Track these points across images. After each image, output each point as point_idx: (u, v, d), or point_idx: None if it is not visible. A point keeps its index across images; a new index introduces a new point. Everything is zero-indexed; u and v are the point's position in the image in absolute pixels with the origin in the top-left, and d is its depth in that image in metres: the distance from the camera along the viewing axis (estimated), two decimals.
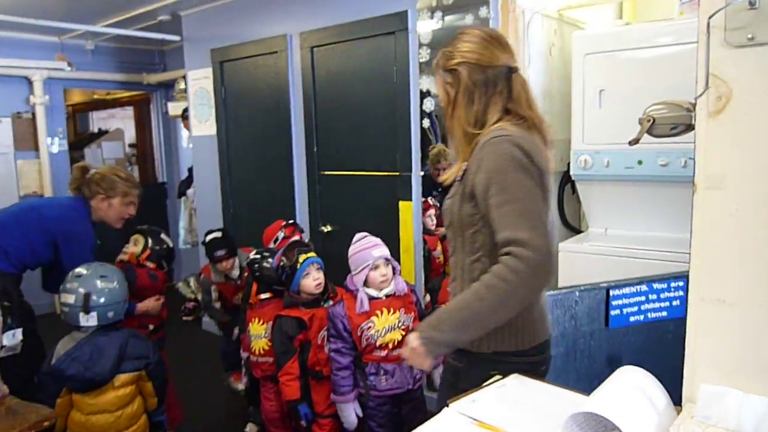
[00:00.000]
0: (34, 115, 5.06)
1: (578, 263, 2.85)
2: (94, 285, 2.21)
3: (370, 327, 2.32)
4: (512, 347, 1.50)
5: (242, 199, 4.15)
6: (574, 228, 3.37)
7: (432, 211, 3.20)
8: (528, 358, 1.52)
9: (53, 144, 5.24)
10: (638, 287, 2.19)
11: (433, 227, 3.21)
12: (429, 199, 3.20)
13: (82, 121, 8.21)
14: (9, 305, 2.40)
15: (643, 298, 2.19)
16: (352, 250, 2.39)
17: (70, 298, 2.17)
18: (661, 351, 2.12)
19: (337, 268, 2.68)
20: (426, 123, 3.08)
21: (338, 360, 2.35)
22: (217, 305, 3.29)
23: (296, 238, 3.09)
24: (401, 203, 3.20)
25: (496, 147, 1.43)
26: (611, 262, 2.77)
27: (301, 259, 2.47)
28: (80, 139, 7.54)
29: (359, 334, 2.31)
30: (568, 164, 3.26)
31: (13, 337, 2.38)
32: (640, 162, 2.78)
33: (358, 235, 2.44)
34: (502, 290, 1.35)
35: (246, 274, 3.03)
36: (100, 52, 5.43)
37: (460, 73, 1.52)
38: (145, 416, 2.35)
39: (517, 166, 1.39)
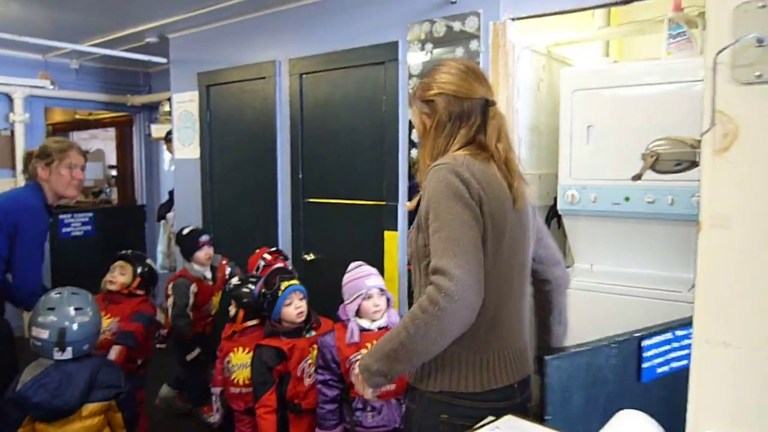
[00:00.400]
0: (12, 132, 4.95)
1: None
2: (68, 317, 2.08)
3: (359, 359, 2.24)
4: (461, 388, 1.45)
5: (224, 224, 4.07)
6: None
7: None
8: (485, 403, 1.45)
9: None
10: (665, 335, 1.98)
11: None
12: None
13: None
14: None
15: (668, 347, 2.05)
16: (346, 278, 2.34)
17: (44, 333, 2.04)
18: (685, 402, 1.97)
19: (320, 298, 2.62)
20: (414, 153, 3.06)
21: (325, 392, 2.27)
22: (189, 314, 3.21)
23: (279, 265, 3.02)
24: (386, 233, 3.16)
25: (435, 175, 1.42)
26: (598, 299, 2.75)
27: (282, 287, 2.41)
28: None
29: (347, 366, 2.23)
30: (555, 198, 3.25)
31: None
32: (627, 198, 2.78)
33: (353, 264, 2.39)
34: (421, 320, 1.32)
35: (223, 280, 3.01)
36: (85, 72, 5.37)
37: (437, 104, 1.51)
38: None
39: (449, 193, 1.38)
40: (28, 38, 3.86)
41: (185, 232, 3.38)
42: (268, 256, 3.18)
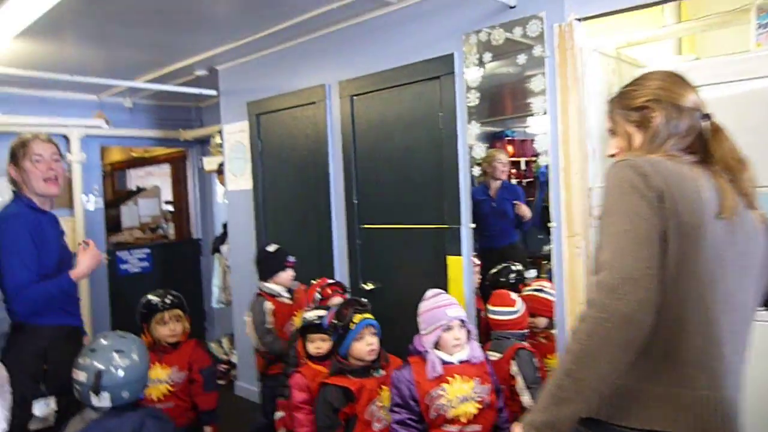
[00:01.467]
0: (70, 172, 5.02)
1: None
2: (108, 360, 1.93)
3: (440, 395, 2.02)
4: (624, 421, 1.20)
5: None
6: None
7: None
8: None
9: (89, 201, 5.18)
10: None
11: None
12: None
13: (119, 179, 8.26)
14: (45, 368, 2.21)
15: None
16: (423, 307, 2.15)
17: (82, 376, 1.89)
18: None
19: (381, 330, 2.42)
20: (476, 171, 2.86)
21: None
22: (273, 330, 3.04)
23: (337, 299, 2.85)
24: (449, 258, 2.95)
25: (611, 171, 1.27)
26: None
27: (355, 320, 2.22)
28: (118, 197, 7.55)
29: (428, 402, 2.02)
30: None
31: (46, 407, 2.16)
32: None
33: (430, 292, 2.20)
34: (583, 332, 1.13)
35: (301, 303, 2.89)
36: (138, 110, 5.42)
37: (648, 112, 1.35)
38: None
39: (624, 187, 1.21)
40: (82, 78, 3.88)
41: (271, 249, 3.19)
42: (327, 289, 3.01)
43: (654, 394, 1.20)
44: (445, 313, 2.09)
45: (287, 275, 3.15)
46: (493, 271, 3.28)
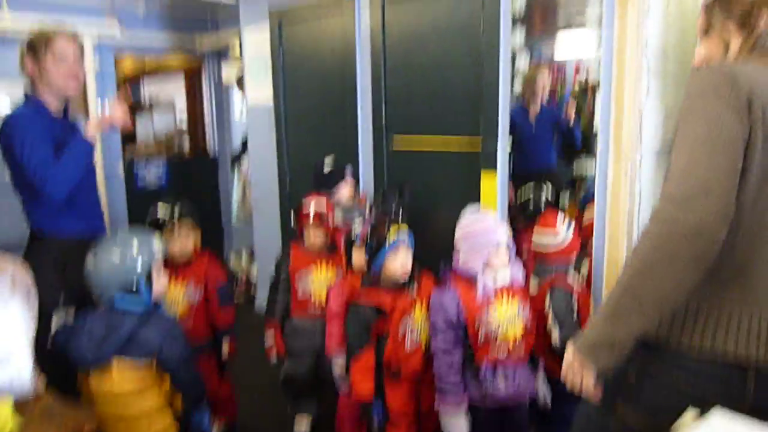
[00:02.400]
0: (84, 82, 4.84)
1: None
2: (92, 259, 1.91)
3: (489, 318, 1.95)
4: (699, 341, 1.11)
5: (301, 171, 3.82)
6: None
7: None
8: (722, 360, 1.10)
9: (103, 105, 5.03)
10: None
11: None
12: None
13: (133, 92, 8.06)
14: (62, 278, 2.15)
15: None
16: (468, 226, 2.03)
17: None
18: None
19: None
20: (517, 85, 2.68)
21: (449, 359, 1.97)
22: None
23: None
24: (483, 173, 2.81)
25: (694, 77, 1.14)
26: None
27: (392, 232, 2.11)
28: (132, 110, 7.38)
29: (477, 326, 1.94)
30: None
31: (66, 317, 2.11)
32: None
33: (473, 209, 2.08)
34: (645, 246, 1.07)
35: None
36: (151, 17, 5.18)
37: (759, 10, 1.19)
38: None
39: (708, 91, 1.09)
40: None
41: (328, 160, 3.04)
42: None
43: (722, 316, 1.12)
44: (495, 235, 1.99)
45: (347, 189, 2.99)
46: (523, 193, 3.16)
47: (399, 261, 2.14)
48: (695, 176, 1.05)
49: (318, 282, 2.64)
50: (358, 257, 2.31)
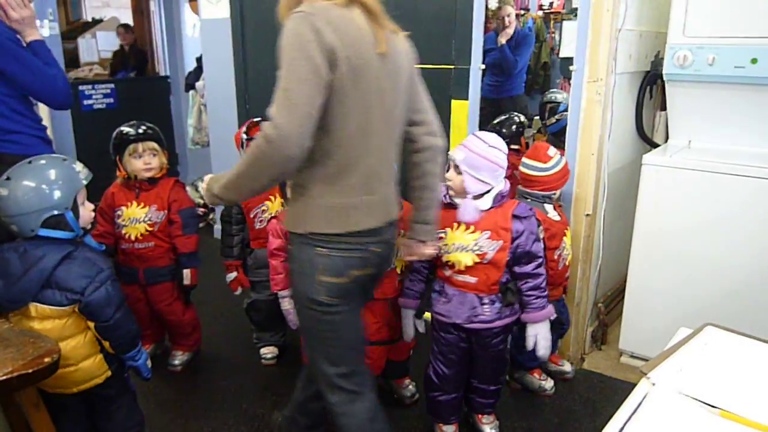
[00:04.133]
0: None
1: (664, 179, 2.44)
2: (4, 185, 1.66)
3: (441, 237, 1.94)
4: (327, 230, 1.52)
5: (261, 93, 3.64)
6: (649, 140, 2.92)
7: None
8: (353, 238, 1.53)
9: (43, 27, 4.64)
10: None
11: None
12: None
13: (73, 7, 7.48)
14: None
15: None
16: (496, 154, 1.95)
17: None
18: None
19: None
20: (493, 3, 2.56)
21: (415, 266, 2.09)
22: None
23: None
24: (454, 102, 2.73)
25: (288, 24, 1.42)
26: (704, 179, 2.36)
27: None
28: (72, 29, 6.88)
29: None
30: (653, 63, 2.78)
31: None
32: (754, 60, 2.31)
33: (493, 137, 1.99)
34: (249, 158, 1.42)
35: None
36: None
37: None
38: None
39: (297, 44, 1.38)
40: None
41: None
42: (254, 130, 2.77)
43: (333, 204, 1.51)
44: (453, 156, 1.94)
45: None
46: (495, 121, 3.10)
47: None
48: (286, 99, 1.34)
49: (273, 213, 2.57)
50: None
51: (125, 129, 2.47)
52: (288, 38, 1.39)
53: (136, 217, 2.46)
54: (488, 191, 1.94)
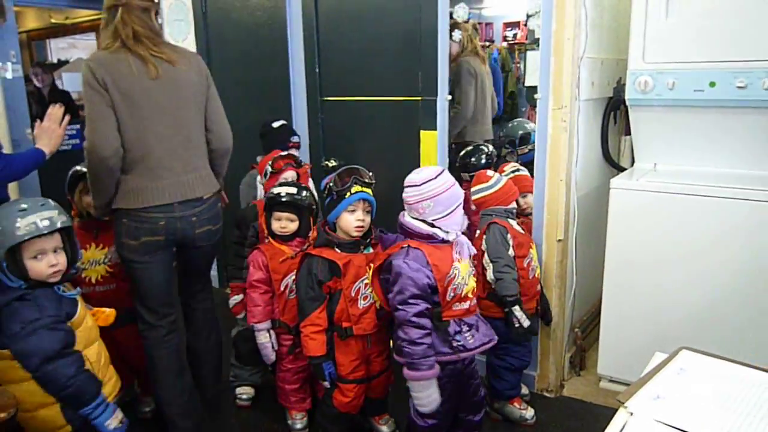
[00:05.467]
0: None
1: (631, 202, 2.46)
2: None
3: (455, 275, 1.89)
4: (129, 205, 2.08)
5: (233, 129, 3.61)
6: (615, 164, 2.96)
7: None
8: (148, 213, 2.09)
9: (6, 70, 4.57)
10: None
11: None
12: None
13: (38, 50, 7.41)
14: None
15: None
16: (438, 187, 1.89)
17: None
18: None
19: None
20: (457, 36, 2.60)
21: (422, 324, 1.86)
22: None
23: (290, 172, 2.62)
24: (423, 133, 2.74)
25: (83, 65, 2.02)
26: (672, 201, 2.38)
27: (353, 190, 2.03)
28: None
29: (446, 285, 1.87)
30: (615, 88, 2.83)
31: None
32: (712, 84, 2.37)
33: (431, 170, 1.93)
34: (88, 171, 2.09)
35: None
36: None
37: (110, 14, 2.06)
38: None
39: (85, 82, 1.99)
40: None
41: (276, 125, 2.91)
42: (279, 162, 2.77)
43: (130, 188, 2.08)
44: (460, 191, 1.93)
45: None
46: (463, 153, 3.12)
47: (355, 217, 2.05)
48: (94, 130, 1.98)
49: None
50: (283, 225, 2.36)
51: (78, 167, 2.43)
52: (81, 78, 1.99)
53: (96, 259, 2.39)
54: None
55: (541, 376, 2.69)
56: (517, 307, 2.22)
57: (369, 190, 2.07)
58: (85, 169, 2.38)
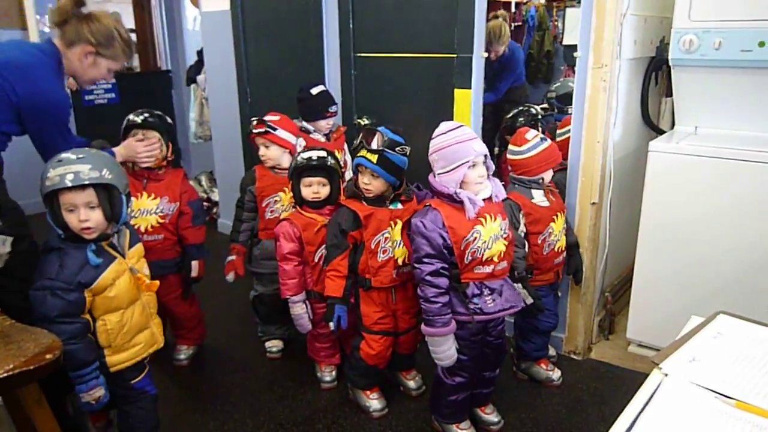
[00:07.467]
0: None
1: (670, 166, 2.40)
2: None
3: (476, 238, 1.86)
4: None
5: (262, 86, 3.62)
6: (655, 126, 2.89)
7: None
8: None
9: (43, 22, 4.63)
10: None
11: None
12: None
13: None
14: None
15: None
16: (442, 142, 1.86)
17: None
18: None
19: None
20: None
21: (437, 284, 1.86)
22: None
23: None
24: (457, 92, 2.70)
25: None
26: (711, 165, 2.32)
27: (359, 153, 2.05)
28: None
29: (463, 247, 1.86)
30: (657, 48, 2.73)
31: (2, 245, 1.92)
32: (761, 44, 2.27)
33: (447, 125, 1.90)
34: None
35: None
36: None
37: None
38: None
39: None
40: None
41: (315, 91, 2.83)
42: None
43: None
44: (472, 148, 1.84)
45: (325, 123, 2.88)
46: (509, 115, 3.07)
47: (361, 180, 2.09)
48: None
49: (287, 206, 2.56)
50: (315, 190, 2.31)
51: (131, 116, 2.44)
52: None
53: (147, 209, 2.42)
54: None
55: (569, 339, 2.69)
56: (520, 285, 2.16)
57: (373, 156, 2.04)
58: (139, 119, 2.42)
